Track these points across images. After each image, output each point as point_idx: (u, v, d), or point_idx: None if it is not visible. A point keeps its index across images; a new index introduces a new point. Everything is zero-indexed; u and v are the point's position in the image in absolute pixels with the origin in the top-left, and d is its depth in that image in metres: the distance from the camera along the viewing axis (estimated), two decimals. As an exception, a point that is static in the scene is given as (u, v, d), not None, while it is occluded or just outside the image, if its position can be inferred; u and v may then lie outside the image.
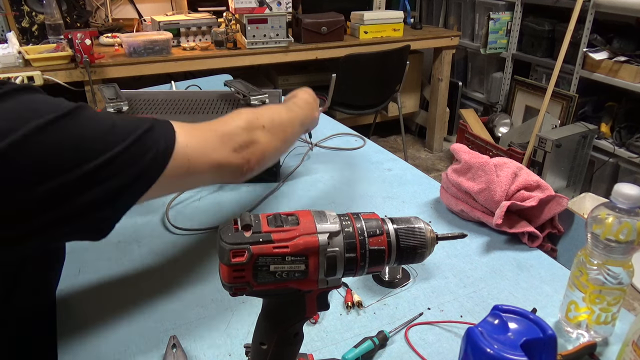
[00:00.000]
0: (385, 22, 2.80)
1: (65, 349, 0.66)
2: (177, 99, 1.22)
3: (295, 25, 2.66)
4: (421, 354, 0.65)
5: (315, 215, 0.47)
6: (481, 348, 0.48)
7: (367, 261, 0.47)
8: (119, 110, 1.06)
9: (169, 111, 1.13)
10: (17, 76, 2.06)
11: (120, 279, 0.80)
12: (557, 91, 2.65)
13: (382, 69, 2.65)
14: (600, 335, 0.67)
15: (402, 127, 3.04)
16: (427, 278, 0.80)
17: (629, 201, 0.59)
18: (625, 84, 2.35)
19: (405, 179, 1.14)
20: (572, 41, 2.46)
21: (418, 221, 0.50)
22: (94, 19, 2.88)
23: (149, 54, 2.31)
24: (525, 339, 0.49)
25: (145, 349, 0.66)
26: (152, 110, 1.13)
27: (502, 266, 0.83)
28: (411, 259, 0.49)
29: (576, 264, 0.66)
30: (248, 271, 0.44)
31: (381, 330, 0.68)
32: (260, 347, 0.50)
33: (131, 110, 1.09)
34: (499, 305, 0.53)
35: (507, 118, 3.06)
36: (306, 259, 0.45)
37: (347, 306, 0.74)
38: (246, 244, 0.44)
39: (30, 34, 2.48)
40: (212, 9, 2.80)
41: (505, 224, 0.88)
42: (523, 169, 0.94)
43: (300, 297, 0.48)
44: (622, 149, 2.46)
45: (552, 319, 0.71)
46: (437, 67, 3.12)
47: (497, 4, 3.02)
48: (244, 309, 0.73)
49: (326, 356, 0.65)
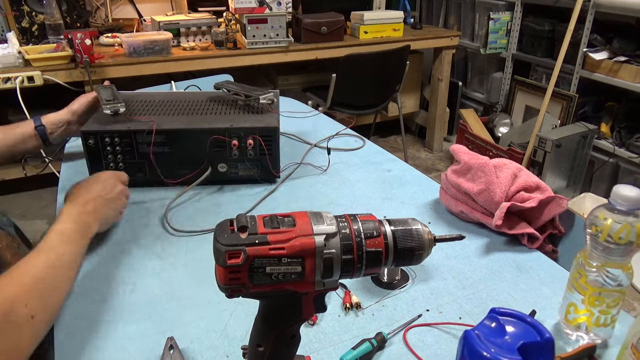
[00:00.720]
0: (385, 22, 2.80)
1: (62, 350, 0.66)
2: (175, 99, 1.22)
3: (295, 25, 2.65)
4: (420, 355, 0.65)
5: (312, 216, 0.47)
6: (478, 351, 0.48)
7: (364, 263, 0.47)
8: (115, 112, 1.06)
9: (167, 112, 1.13)
10: (17, 76, 2.06)
11: (118, 279, 0.80)
12: (557, 91, 2.64)
13: (382, 69, 2.64)
14: (599, 337, 0.67)
15: (402, 127, 3.04)
16: (425, 279, 0.80)
17: (628, 203, 0.59)
18: (625, 84, 2.34)
19: (405, 179, 1.14)
20: (572, 41, 2.46)
21: (416, 223, 0.50)
22: (94, 19, 2.88)
23: (149, 54, 2.31)
24: (523, 343, 0.49)
25: (143, 350, 0.66)
26: (150, 112, 1.13)
27: (502, 268, 0.83)
28: (408, 260, 0.49)
29: (575, 265, 0.66)
30: (244, 273, 0.44)
31: (379, 332, 0.68)
32: (257, 349, 0.50)
33: (128, 111, 1.09)
34: (496, 308, 0.53)
35: (507, 118, 3.05)
36: (302, 260, 0.45)
37: (345, 307, 0.73)
38: (242, 245, 0.44)
39: (30, 34, 2.47)
40: (212, 9, 2.80)
41: (505, 225, 0.88)
42: (523, 170, 0.93)
43: (297, 298, 0.48)
44: (622, 149, 2.46)
45: (551, 321, 0.71)
46: (437, 67, 3.12)
47: (497, 4, 3.02)
48: (241, 310, 0.73)
49: (324, 358, 0.65)
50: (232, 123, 1.05)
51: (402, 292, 0.77)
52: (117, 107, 1.06)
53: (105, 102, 1.06)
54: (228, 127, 1.04)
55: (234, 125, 1.04)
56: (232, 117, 1.11)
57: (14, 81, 2.05)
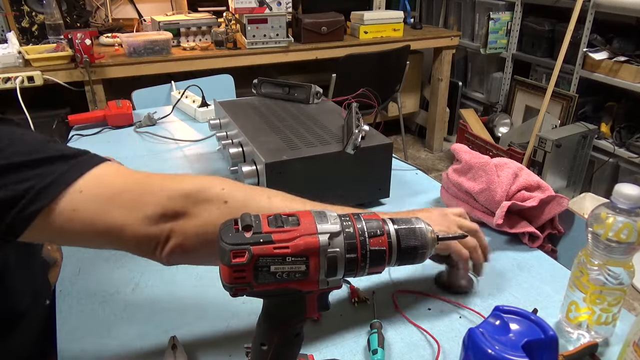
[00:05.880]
0: (385, 22, 2.80)
1: (65, 350, 0.66)
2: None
3: (295, 25, 2.66)
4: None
5: (316, 215, 0.47)
6: (482, 349, 0.48)
7: (367, 262, 0.47)
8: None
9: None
10: (17, 76, 2.06)
11: (120, 279, 0.80)
12: (557, 91, 2.65)
13: (382, 69, 2.65)
14: (601, 335, 0.67)
15: (402, 127, 3.04)
16: (427, 279, 0.80)
17: (629, 201, 0.59)
18: (625, 84, 2.35)
19: (405, 179, 1.14)
20: (572, 41, 2.46)
21: (419, 222, 0.50)
22: (94, 19, 2.87)
23: (149, 54, 2.31)
24: (527, 340, 0.49)
25: (146, 349, 0.66)
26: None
27: (503, 266, 0.83)
28: (412, 259, 0.49)
29: (577, 264, 0.66)
30: (248, 272, 0.44)
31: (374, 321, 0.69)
32: (260, 348, 0.50)
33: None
34: (500, 306, 0.53)
35: (507, 118, 3.06)
36: (307, 259, 0.45)
37: (353, 302, 0.74)
38: (247, 244, 0.44)
39: (30, 34, 2.48)
40: (212, 9, 2.80)
41: (506, 224, 0.88)
42: (523, 170, 0.94)
43: (301, 297, 0.48)
44: (622, 149, 2.46)
45: (553, 320, 0.71)
46: (437, 67, 3.12)
47: (497, 4, 3.02)
48: (244, 309, 0.73)
49: (327, 356, 0.65)
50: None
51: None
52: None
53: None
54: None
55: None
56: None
57: (14, 81, 2.05)
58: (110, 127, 1.43)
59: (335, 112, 1.12)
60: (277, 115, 1.11)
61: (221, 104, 1.18)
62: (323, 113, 1.12)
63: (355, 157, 0.91)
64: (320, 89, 1.17)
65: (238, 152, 0.99)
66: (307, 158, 0.90)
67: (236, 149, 0.99)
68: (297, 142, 0.95)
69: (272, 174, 0.88)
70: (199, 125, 1.45)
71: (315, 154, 0.91)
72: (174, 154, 1.27)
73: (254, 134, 0.99)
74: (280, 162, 0.88)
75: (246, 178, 0.91)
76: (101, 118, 1.43)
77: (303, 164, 0.90)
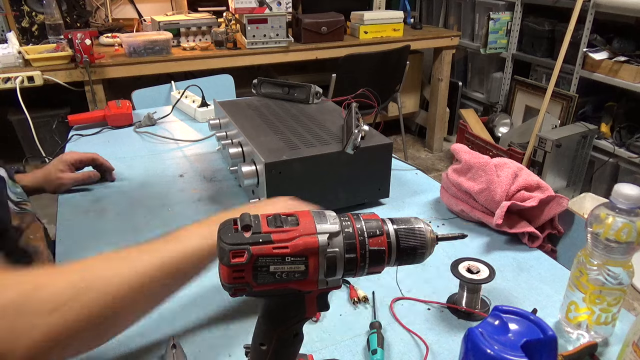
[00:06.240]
0: (385, 22, 2.80)
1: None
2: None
3: (295, 25, 2.66)
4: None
5: (315, 215, 0.47)
6: (481, 349, 0.48)
7: (367, 262, 0.47)
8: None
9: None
10: (17, 76, 2.06)
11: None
12: (557, 91, 2.65)
13: (382, 69, 2.65)
14: (600, 335, 0.67)
15: (402, 127, 3.04)
16: (426, 279, 0.80)
17: (629, 201, 0.59)
18: (625, 84, 2.35)
19: (405, 179, 1.14)
20: (572, 41, 2.46)
21: (418, 222, 0.50)
22: (94, 19, 2.88)
23: (149, 54, 2.31)
24: (526, 340, 0.49)
25: (145, 349, 0.66)
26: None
27: (502, 266, 0.83)
28: (411, 259, 0.49)
29: (576, 264, 0.66)
30: (248, 272, 0.44)
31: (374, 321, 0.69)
32: (259, 348, 0.50)
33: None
34: (499, 306, 0.53)
35: (507, 118, 3.06)
36: (306, 259, 0.45)
37: (353, 302, 0.74)
38: (246, 244, 0.44)
39: (30, 34, 2.48)
40: (212, 9, 2.80)
41: (506, 224, 0.88)
42: (523, 170, 0.94)
43: (300, 297, 0.48)
44: (622, 149, 2.46)
45: (552, 320, 0.71)
46: (437, 67, 3.12)
47: (497, 4, 3.02)
48: (244, 309, 0.73)
49: (326, 356, 0.65)
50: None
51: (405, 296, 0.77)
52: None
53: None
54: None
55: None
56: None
57: (14, 81, 2.05)
58: (110, 127, 1.43)
59: (335, 112, 1.12)
60: (277, 115, 1.11)
61: (221, 104, 1.18)
62: (323, 113, 1.12)
63: (355, 157, 0.91)
64: (320, 89, 1.17)
65: (238, 152, 0.99)
66: (307, 158, 0.90)
67: (236, 149, 0.99)
68: (297, 142, 0.95)
69: (272, 174, 0.88)
70: (199, 125, 1.45)
71: (315, 154, 0.91)
72: (173, 154, 1.27)
73: (253, 134, 0.99)
74: (280, 162, 0.88)
75: (246, 178, 0.91)
76: (101, 118, 1.43)
77: (303, 164, 0.90)
